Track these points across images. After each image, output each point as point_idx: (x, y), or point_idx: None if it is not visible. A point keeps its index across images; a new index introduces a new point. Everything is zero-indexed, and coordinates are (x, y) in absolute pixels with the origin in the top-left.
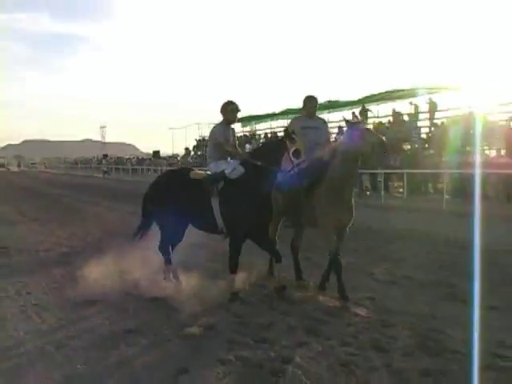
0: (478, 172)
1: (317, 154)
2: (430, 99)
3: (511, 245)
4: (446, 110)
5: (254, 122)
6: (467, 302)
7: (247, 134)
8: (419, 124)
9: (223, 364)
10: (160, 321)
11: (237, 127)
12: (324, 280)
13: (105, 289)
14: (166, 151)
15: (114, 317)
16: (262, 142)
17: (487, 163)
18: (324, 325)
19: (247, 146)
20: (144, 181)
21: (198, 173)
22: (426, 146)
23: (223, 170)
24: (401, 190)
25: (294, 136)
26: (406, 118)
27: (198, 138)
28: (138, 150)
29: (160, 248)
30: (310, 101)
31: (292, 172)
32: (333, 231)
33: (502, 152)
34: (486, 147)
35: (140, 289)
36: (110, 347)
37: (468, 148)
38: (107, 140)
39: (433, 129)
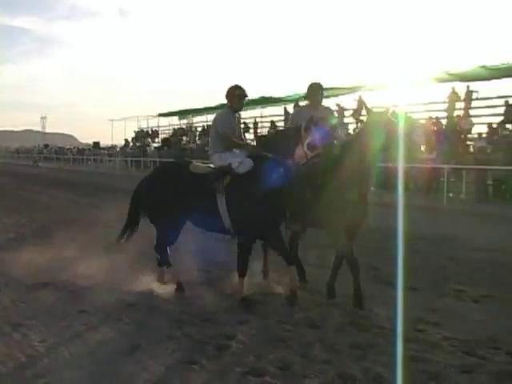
0: (401, 166)
1: (327, 148)
2: (359, 97)
3: (430, 233)
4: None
5: (191, 115)
6: (391, 283)
7: (184, 126)
8: (345, 121)
9: (172, 340)
10: (110, 302)
11: (174, 120)
12: (332, 285)
13: (54, 272)
14: (105, 142)
15: (66, 298)
16: (275, 131)
17: (409, 158)
18: (263, 305)
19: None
20: (84, 170)
21: (198, 166)
22: None
23: (229, 164)
24: None
25: (313, 127)
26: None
27: (136, 130)
28: (77, 140)
29: (156, 249)
30: (314, 90)
31: (304, 166)
32: (341, 233)
33: (422, 148)
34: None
35: (88, 272)
36: (65, 326)
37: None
38: (47, 130)
39: (359, 125)
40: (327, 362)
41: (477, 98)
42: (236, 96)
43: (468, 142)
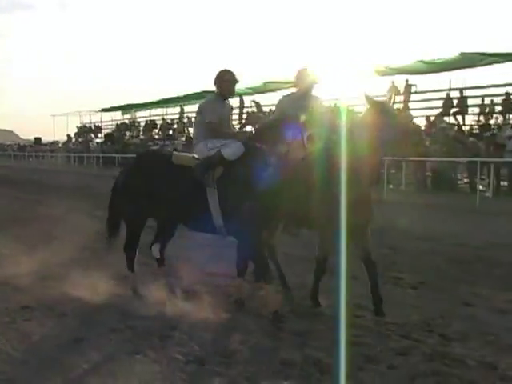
0: (344, 159)
1: (324, 142)
2: None
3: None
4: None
5: (133, 110)
6: (332, 272)
7: (127, 121)
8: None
9: (115, 332)
10: (54, 297)
11: (117, 115)
12: (315, 292)
13: None
14: (47, 138)
15: (8, 294)
16: (267, 121)
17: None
18: (208, 296)
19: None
20: (26, 167)
21: (182, 156)
22: None
23: (219, 151)
24: None
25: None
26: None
27: (79, 125)
28: (18, 136)
29: (125, 248)
30: (303, 76)
31: (302, 162)
32: (332, 235)
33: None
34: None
35: (31, 267)
36: (8, 322)
37: (334, 137)
38: None
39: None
40: (268, 349)
41: (415, 92)
42: (225, 81)
43: None
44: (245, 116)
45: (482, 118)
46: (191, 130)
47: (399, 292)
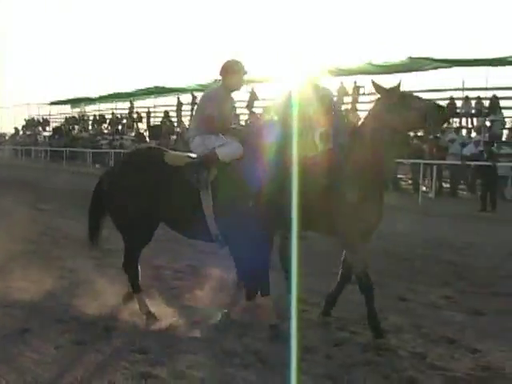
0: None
1: (334, 138)
2: (252, 89)
3: None
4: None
5: (83, 104)
6: (278, 269)
7: (76, 115)
8: (239, 112)
9: (61, 323)
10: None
11: (66, 109)
12: (330, 304)
13: None
14: None
15: None
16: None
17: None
18: (153, 289)
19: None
20: None
21: (175, 156)
22: None
23: (214, 151)
24: None
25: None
26: None
27: (27, 118)
28: None
29: (126, 265)
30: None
31: (314, 161)
32: (359, 240)
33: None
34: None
35: None
36: None
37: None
38: None
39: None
40: (210, 339)
41: (364, 93)
42: (234, 73)
43: None
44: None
45: None
46: (140, 125)
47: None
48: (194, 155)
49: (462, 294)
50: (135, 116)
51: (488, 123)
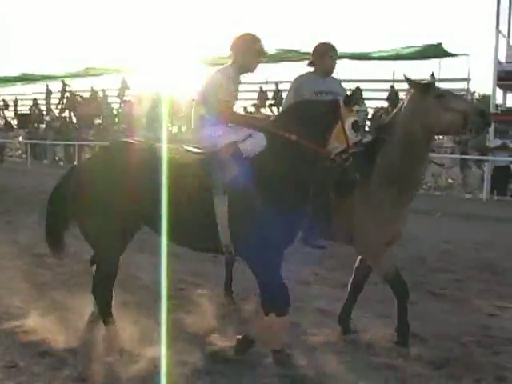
0: (165, 146)
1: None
2: (123, 78)
3: None
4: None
5: None
6: (155, 252)
7: None
8: (110, 100)
9: None
10: None
11: None
12: (346, 316)
13: None
14: None
15: None
16: (296, 103)
17: (171, 139)
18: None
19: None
20: None
21: (170, 149)
22: (116, 120)
23: (235, 143)
24: None
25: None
26: (100, 94)
27: None
28: None
29: (98, 287)
30: (325, 52)
31: (345, 156)
32: (382, 248)
33: (183, 128)
34: (169, 124)
35: None
36: None
37: (155, 124)
38: None
39: (122, 105)
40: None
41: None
42: (251, 51)
43: None
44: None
45: None
46: (7, 113)
47: (211, 267)
48: (197, 150)
49: (329, 271)
50: (1, 103)
51: None
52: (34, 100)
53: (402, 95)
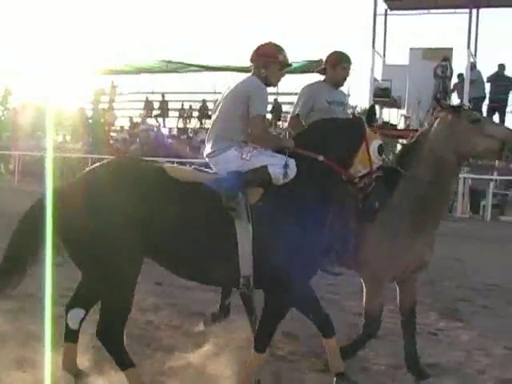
0: (49, 155)
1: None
2: (6, 86)
3: None
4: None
5: None
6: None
7: None
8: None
9: None
10: None
11: None
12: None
13: None
14: None
15: None
16: (318, 121)
17: (56, 147)
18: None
19: None
20: None
21: (184, 170)
22: None
23: (265, 168)
24: None
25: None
26: None
27: None
28: None
29: (109, 328)
30: (340, 62)
31: (368, 181)
32: (387, 282)
33: (68, 138)
34: (54, 133)
35: None
36: None
37: (39, 133)
38: None
39: (6, 113)
40: None
41: (121, 93)
42: (277, 62)
43: (112, 134)
44: None
45: (181, 121)
46: None
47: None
48: (209, 171)
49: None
50: None
51: None
52: None
53: (285, 108)
